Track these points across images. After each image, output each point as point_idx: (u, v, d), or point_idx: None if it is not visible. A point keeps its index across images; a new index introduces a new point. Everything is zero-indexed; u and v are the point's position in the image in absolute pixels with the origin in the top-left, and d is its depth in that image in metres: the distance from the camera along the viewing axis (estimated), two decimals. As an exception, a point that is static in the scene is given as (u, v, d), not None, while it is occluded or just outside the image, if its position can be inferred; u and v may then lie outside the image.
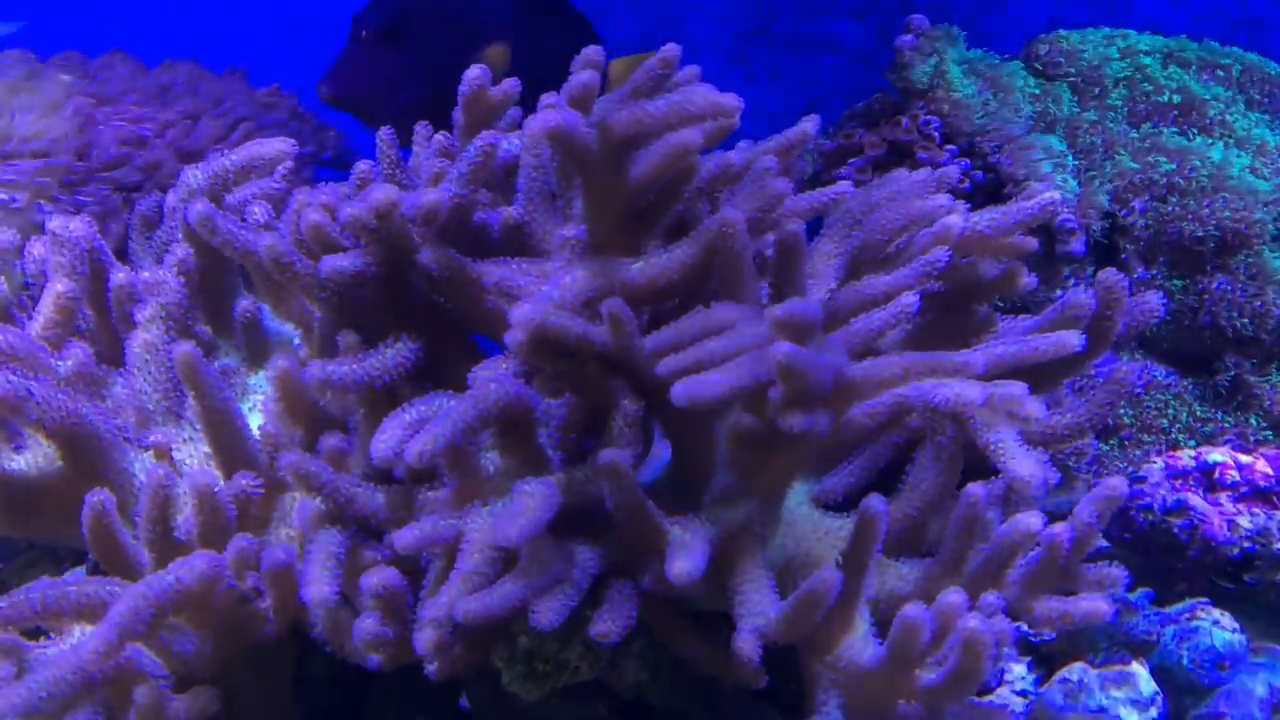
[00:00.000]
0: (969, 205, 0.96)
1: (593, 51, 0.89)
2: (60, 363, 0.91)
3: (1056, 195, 0.94)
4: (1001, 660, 1.09)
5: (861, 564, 0.79)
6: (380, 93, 1.30)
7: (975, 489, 0.82)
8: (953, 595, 0.75)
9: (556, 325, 0.77)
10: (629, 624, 0.79)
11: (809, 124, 0.97)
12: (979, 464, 0.86)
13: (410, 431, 0.77)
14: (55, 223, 0.97)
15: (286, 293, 0.96)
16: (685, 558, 0.75)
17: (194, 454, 0.91)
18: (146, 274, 0.95)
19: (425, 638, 0.76)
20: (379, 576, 0.80)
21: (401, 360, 0.84)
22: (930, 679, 0.77)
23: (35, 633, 0.83)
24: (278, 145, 1.02)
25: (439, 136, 0.97)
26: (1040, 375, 0.90)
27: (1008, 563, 0.82)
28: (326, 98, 1.30)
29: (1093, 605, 0.81)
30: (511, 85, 0.95)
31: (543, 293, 0.83)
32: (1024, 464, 0.76)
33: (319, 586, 0.80)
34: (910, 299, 0.84)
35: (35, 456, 0.89)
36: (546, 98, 0.87)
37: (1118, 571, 0.85)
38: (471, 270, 0.87)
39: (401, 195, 0.83)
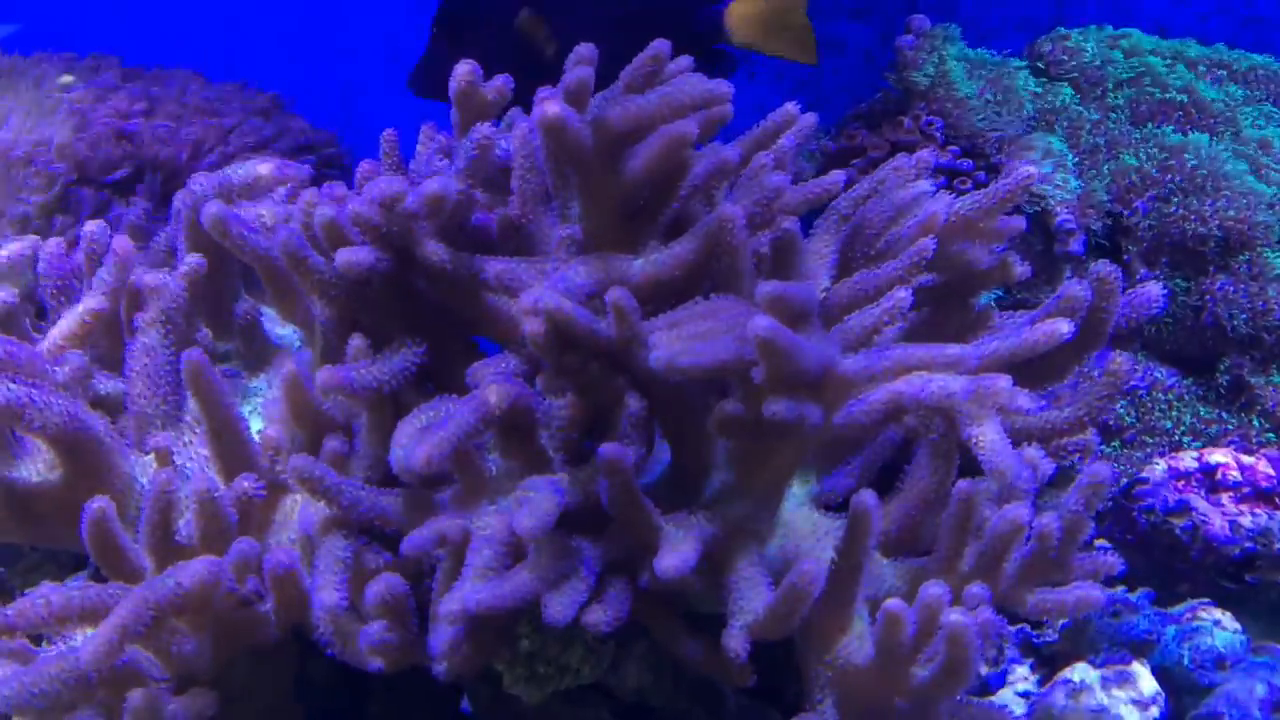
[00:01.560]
0: (955, 195, 0.97)
1: (585, 49, 0.89)
2: (57, 369, 0.91)
3: (1033, 170, 0.94)
4: (1002, 662, 1.09)
5: (855, 561, 0.79)
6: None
7: (966, 485, 0.82)
8: (933, 588, 0.75)
9: (569, 314, 0.78)
10: (622, 616, 0.79)
11: (792, 107, 0.97)
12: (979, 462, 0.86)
13: (422, 435, 0.77)
14: (116, 241, 0.97)
15: (292, 294, 0.96)
16: (674, 554, 0.75)
17: (194, 457, 0.91)
18: (148, 278, 0.95)
19: (441, 636, 0.77)
20: (384, 584, 0.80)
21: (408, 364, 0.84)
22: (922, 675, 0.77)
23: (36, 637, 0.84)
24: (292, 169, 1.02)
25: (440, 136, 0.97)
26: (1038, 370, 0.91)
27: (1001, 556, 0.81)
28: (419, 94, 1.40)
29: (1085, 593, 0.81)
30: (504, 82, 0.94)
31: (547, 284, 0.83)
32: (1002, 455, 0.76)
33: (328, 593, 0.80)
34: (903, 293, 0.84)
35: (36, 462, 0.90)
36: (541, 92, 0.87)
37: (1112, 559, 0.84)
38: (473, 265, 0.87)
39: (406, 186, 0.83)
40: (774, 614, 0.77)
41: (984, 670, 1.08)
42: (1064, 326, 0.84)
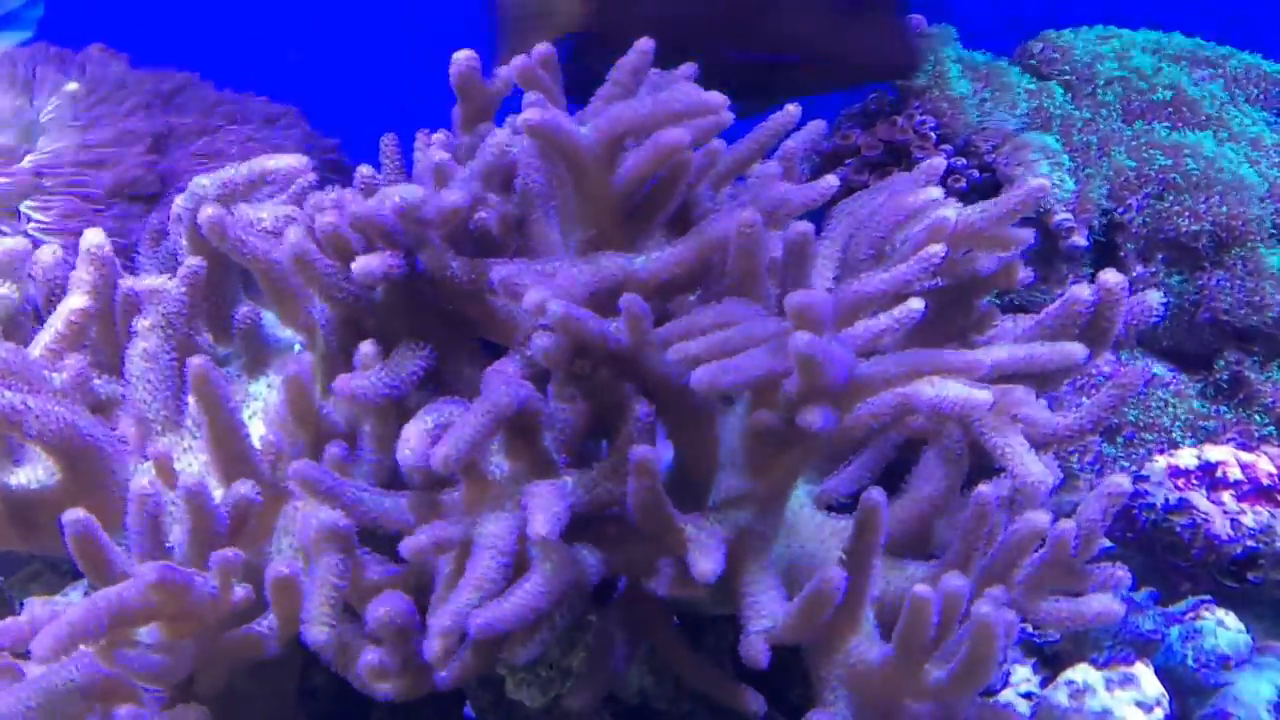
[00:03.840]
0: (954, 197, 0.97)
1: (543, 48, 0.89)
2: (55, 375, 0.90)
3: (1045, 182, 0.94)
4: (1005, 663, 1.09)
5: (865, 558, 0.79)
6: None
7: (985, 490, 0.81)
8: (956, 579, 0.75)
9: (580, 321, 0.77)
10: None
11: (795, 109, 0.97)
12: (980, 465, 0.86)
13: (432, 437, 0.77)
14: (87, 237, 0.96)
15: (292, 297, 0.96)
16: (707, 557, 0.76)
17: (194, 462, 0.91)
18: (146, 282, 0.94)
19: (434, 647, 0.76)
20: (386, 605, 0.79)
21: (416, 369, 0.84)
22: (939, 674, 0.77)
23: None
24: (291, 161, 1.01)
25: (438, 133, 0.97)
26: (1043, 375, 0.90)
27: (1015, 562, 0.81)
28: None
29: (1104, 605, 0.80)
30: (507, 74, 0.94)
31: (550, 284, 0.82)
32: (1033, 467, 0.77)
33: (319, 629, 0.79)
34: (916, 304, 0.84)
35: (35, 470, 0.89)
36: (527, 96, 0.86)
37: (1122, 573, 0.84)
38: (477, 270, 0.87)
39: (425, 196, 0.83)
40: (796, 620, 0.77)
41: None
42: (1079, 351, 0.84)
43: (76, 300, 0.95)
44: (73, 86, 1.25)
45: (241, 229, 0.91)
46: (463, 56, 0.92)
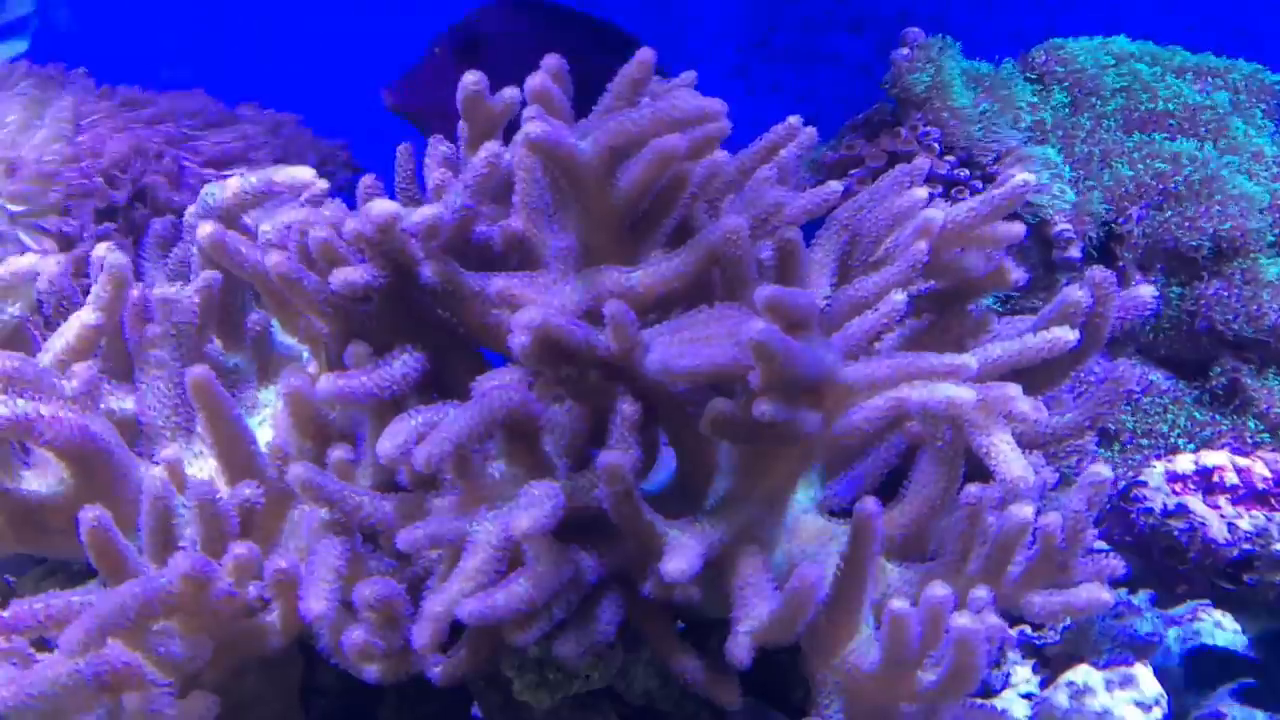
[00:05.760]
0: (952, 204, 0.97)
1: (552, 60, 0.90)
2: (66, 382, 0.91)
3: (1030, 177, 0.95)
4: (1005, 664, 1.10)
5: (860, 566, 0.79)
6: (442, 107, 1.35)
7: (974, 490, 0.82)
8: (937, 589, 0.75)
9: (560, 328, 0.78)
10: (605, 638, 0.81)
11: (796, 120, 0.98)
12: (981, 467, 0.87)
13: (417, 434, 0.77)
14: (109, 255, 0.97)
15: (294, 310, 0.97)
16: (680, 557, 0.76)
17: (204, 468, 0.92)
18: (159, 290, 0.95)
19: (423, 632, 0.76)
20: (373, 587, 0.80)
21: (408, 371, 0.84)
22: (929, 680, 0.77)
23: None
24: (302, 172, 1.02)
25: (443, 147, 0.98)
26: (1038, 375, 0.91)
27: (1007, 559, 0.82)
28: (391, 107, 1.42)
29: (1093, 594, 0.81)
30: (511, 94, 0.95)
31: (544, 300, 0.83)
32: (1016, 465, 0.77)
33: (316, 601, 0.79)
34: (899, 298, 0.85)
35: (46, 475, 0.90)
36: (528, 110, 0.87)
37: (1116, 562, 0.85)
38: (473, 283, 0.88)
39: (400, 211, 0.83)
40: (777, 620, 0.77)
41: (987, 672, 1.08)
42: (1069, 334, 0.85)
43: (88, 315, 0.96)
44: (71, 98, 1.27)
45: (241, 243, 0.92)
46: (470, 79, 0.93)
